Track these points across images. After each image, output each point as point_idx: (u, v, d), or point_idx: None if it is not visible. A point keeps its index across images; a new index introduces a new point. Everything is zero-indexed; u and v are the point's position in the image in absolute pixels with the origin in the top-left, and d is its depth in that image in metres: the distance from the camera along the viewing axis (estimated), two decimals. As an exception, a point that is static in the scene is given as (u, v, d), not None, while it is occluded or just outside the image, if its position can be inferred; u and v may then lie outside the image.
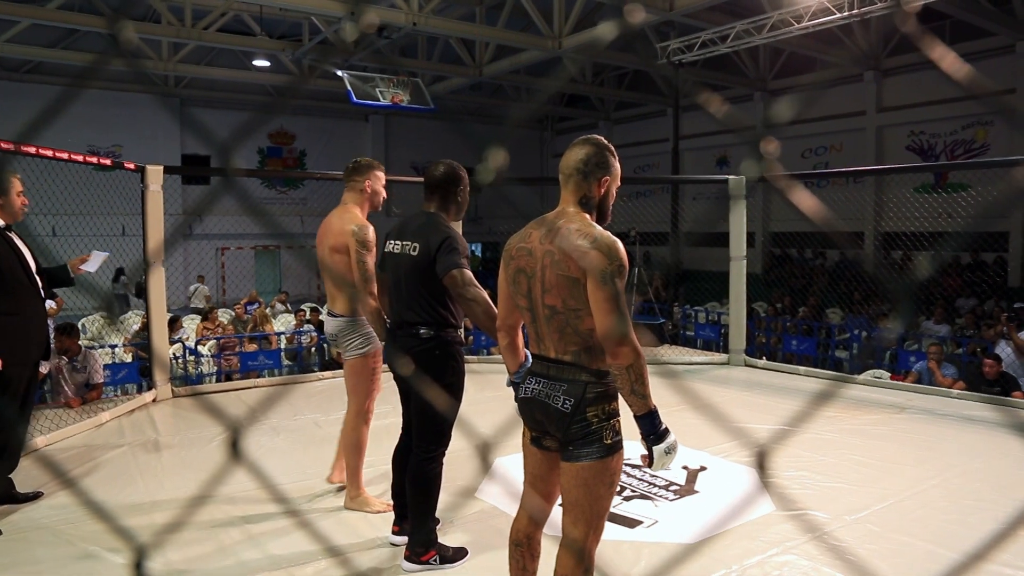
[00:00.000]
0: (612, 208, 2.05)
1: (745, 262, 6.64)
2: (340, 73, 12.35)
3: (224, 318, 9.26)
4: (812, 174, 12.47)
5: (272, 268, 18.60)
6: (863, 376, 6.34)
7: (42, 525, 3.10)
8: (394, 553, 2.82)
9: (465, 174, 2.80)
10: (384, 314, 2.93)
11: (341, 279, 3.14)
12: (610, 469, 1.88)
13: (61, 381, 5.08)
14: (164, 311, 5.51)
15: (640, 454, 1.89)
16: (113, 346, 7.53)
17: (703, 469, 3.83)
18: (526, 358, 2.19)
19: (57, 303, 6.71)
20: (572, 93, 19.62)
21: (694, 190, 17.19)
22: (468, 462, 3.77)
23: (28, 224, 3.41)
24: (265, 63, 15.24)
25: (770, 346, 9.64)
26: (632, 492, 3.50)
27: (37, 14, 11.45)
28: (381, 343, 3.14)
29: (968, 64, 0.85)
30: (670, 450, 1.84)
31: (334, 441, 3.64)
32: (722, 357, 6.93)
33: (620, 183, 2.06)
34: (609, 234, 1.87)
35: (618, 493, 3.40)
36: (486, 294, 2.56)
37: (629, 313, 1.83)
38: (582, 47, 12.34)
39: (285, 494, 3.50)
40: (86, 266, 3.64)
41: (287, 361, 8.05)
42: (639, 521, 3.18)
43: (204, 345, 7.77)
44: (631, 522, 3.17)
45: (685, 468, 3.81)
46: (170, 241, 7.49)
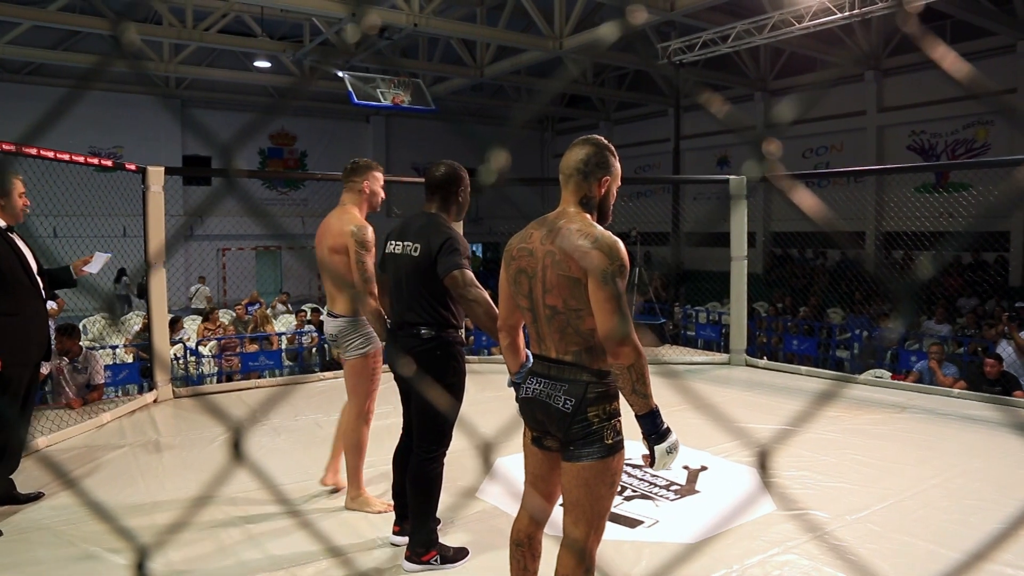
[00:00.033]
0: (613, 208, 2.05)
1: (746, 262, 6.64)
2: (341, 74, 12.36)
3: (225, 319, 9.26)
4: (813, 174, 12.47)
5: (273, 269, 18.62)
6: (864, 376, 6.34)
7: (43, 526, 3.11)
8: (395, 553, 2.82)
9: (466, 175, 2.80)
10: (384, 314, 2.93)
11: (341, 280, 3.14)
12: (611, 469, 1.88)
13: (62, 382, 5.08)
14: (165, 312, 5.52)
15: (641, 454, 1.89)
16: (114, 347, 7.53)
17: (704, 469, 3.83)
18: (527, 358, 2.19)
19: (58, 304, 6.71)
20: (573, 93, 19.62)
21: (695, 190, 17.20)
22: (469, 462, 3.77)
23: (29, 225, 3.42)
24: (266, 64, 15.26)
25: (771, 346, 9.64)
26: (633, 492, 3.50)
27: (38, 16, 11.47)
28: (381, 343, 3.15)
29: (969, 64, 0.85)
30: (672, 449, 1.84)
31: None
32: (723, 357, 6.93)
33: (621, 183, 2.06)
34: (610, 234, 1.87)
35: (619, 493, 3.41)
36: (487, 294, 2.56)
37: (630, 313, 1.83)
38: (583, 48, 12.34)
39: (286, 494, 3.50)
40: (88, 267, 3.64)
41: (288, 362, 8.05)
42: (640, 521, 3.18)
43: (205, 346, 7.77)
44: (632, 522, 3.17)
45: (686, 468, 3.81)
46: (172, 243, 7.50)
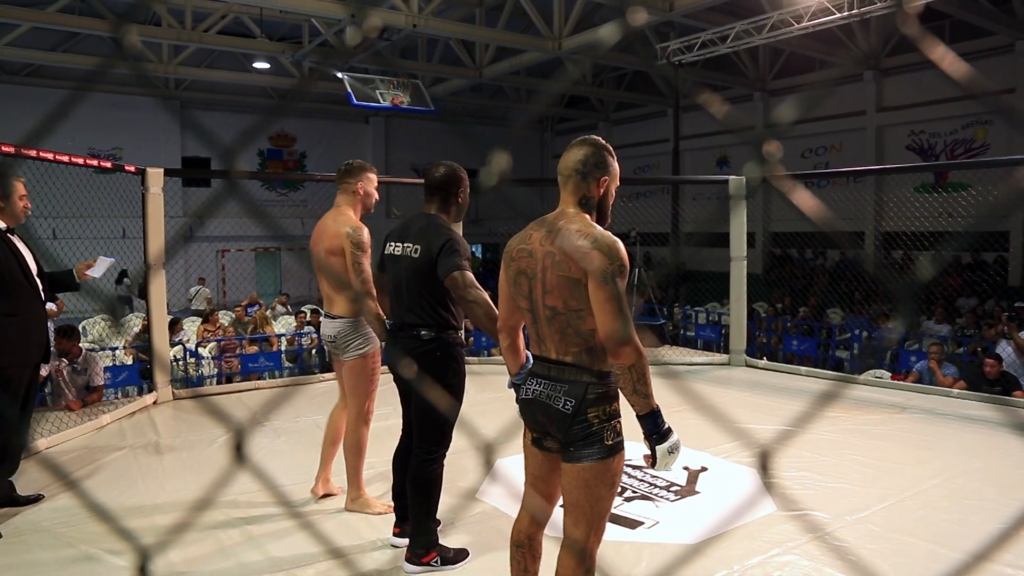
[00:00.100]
0: (612, 208, 2.05)
1: (745, 262, 6.64)
2: (340, 75, 12.35)
3: (225, 320, 9.27)
4: (812, 174, 12.47)
5: (273, 270, 18.62)
6: (864, 376, 6.34)
7: (43, 528, 3.10)
8: (395, 555, 2.82)
9: (465, 175, 2.80)
10: (384, 315, 2.93)
11: (339, 281, 3.14)
12: (611, 470, 1.88)
13: (61, 384, 5.08)
14: (165, 313, 5.52)
15: (643, 454, 1.89)
16: (114, 348, 7.53)
17: (704, 470, 3.83)
18: (527, 359, 2.19)
19: (58, 305, 6.71)
20: (572, 94, 19.62)
21: (694, 191, 17.20)
22: (469, 463, 3.77)
23: (29, 227, 3.41)
24: (265, 65, 15.26)
25: (771, 346, 9.64)
26: (633, 493, 3.50)
27: (38, 18, 11.47)
28: (380, 343, 3.15)
29: (967, 63, 0.85)
30: (673, 450, 1.84)
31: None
32: (723, 357, 6.93)
33: (620, 183, 2.06)
34: (609, 234, 1.87)
35: (619, 494, 3.40)
36: (487, 296, 2.56)
37: (631, 313, 1.83)
38: (583, 48, 12.34)
39: (286, 496, 3.50)
40: (92, 271, 3.65)
41: (288, 363, 8.06)
42: (640, 522, 3.18)
43: (205, 347, 7.77)
44: (632, 523, 3.17)
45: (686, 469, 3.81)
46: (171, 246, 7.49)
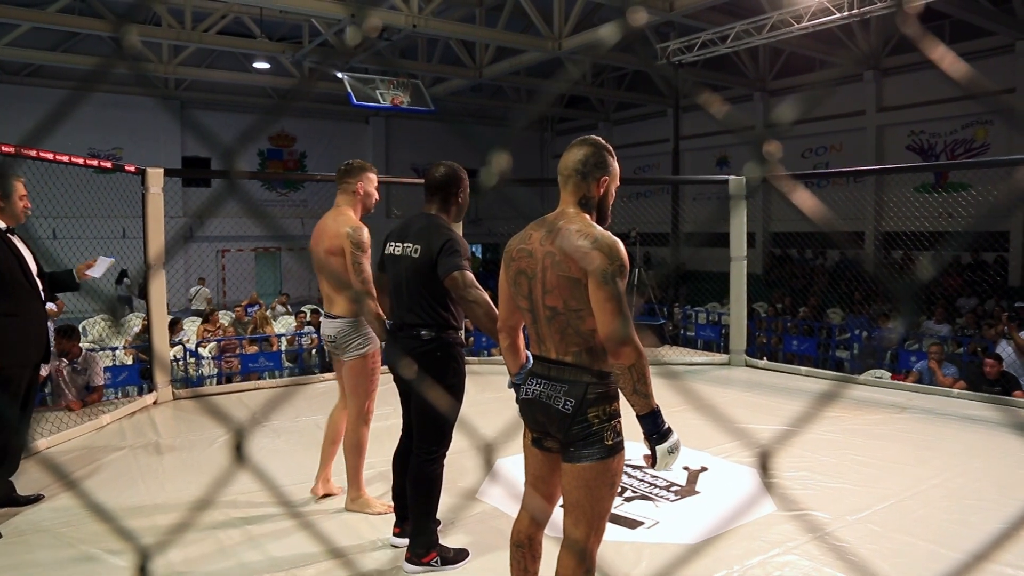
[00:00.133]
0: (612, 208, 2.05)
1: (745, 262, 6.64)
2: (340, 75, 12.35)
3: (225, 320, 9.27)
4: (812, 174, 12.47)
5: (273, 270, 18.62)
6: (864, 376, 6.34)
7: (43, 528, 3.10)
8: (395, 555, 2.82)
9: (465, 175, 2.80)
10: (384, 315, 2.93)
11: (340, 281, 3.14)
12: (611, 470, 1.88)
13: (61, 384, 5.08)
14: (165, 313, 5.52)
15: (643, 454, 1.89)
16: (114, 348, 7.53)
17: (704, 470, 3.83)
18: (527, 359, 2.19)
19: (58, 305, 6.71)
20: (572, 94, 19.63)
21: (694, 191, 17.20)
22: (469, 463, 3.77)
23: (29, 226, 3.41)
24: (265, 65, 15.26)
25: (771, 346, 9.64)
26: (633, 493, 3.50)
27: (38, 18, 11.47)
28: (380, 343, 3.15)
29: (967, 63, 0.85)
30: (673, 449, 1.84)
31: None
32: (723, 357, 6.93)
33: (620, 183, 2.06)
34: (610, 234, 1.87)
35: (619, 494, 3.40)
36: (487, 296, 2.56)
37: (631, 313, 1.83)
38: (583, 48, 12.34)
39: (286, 495, 3.50)
40: (92, 271, 3.65)
41: (288, 363, 8.05)
42: (640, 522, 3.18)
43: (205, 347, 7.77)
44: (632, 523, 3.17)
45: (686, 469, 3.81)
46: (172, 247, 7.49)
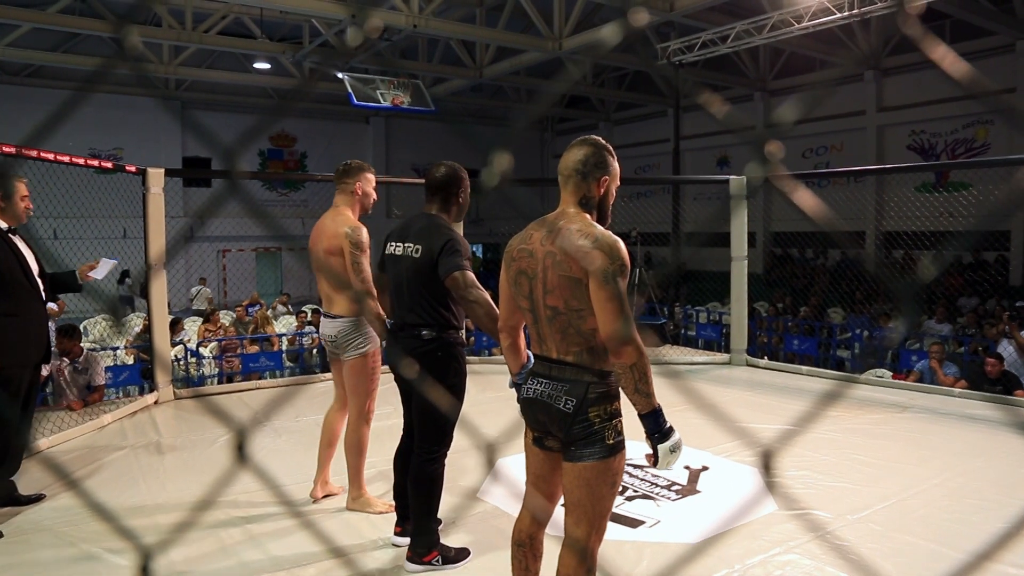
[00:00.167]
0: (612, 208, 2.05)
1: (746, 262, 6.64)
2: (340, 75, 12.36)
3: (226, 320, 9.27)
4: (813, 174, 12.47)
5: (273, 270, 18.63)
6: (865, 375, 6.34)
7: (44, 527, 3.11)
8: (397, 554, 2.83)
9: (466, 175, 2.80)
10: (384, 315, 2.93)
11: (340, 281, 3.15)
12: (612, 469, 1.88)
13: (63, 383, 5.08)
14: (165, 313, 5.52)
15: (645, 453, 1.89)
16: (115, 348, 7.53)
17: (705, 469, 3.83)
18: (528, 359, 2.19)
19: (59, 305, 6.71)
20: (572, 94, 19.63)
21: (695, 190, 17.20)
22: (470, 463, 3.78)
23: (30, 227, 3.42)
24: (266, 66, 15.27)
25: (772, 346, 9.63)
26: (634, 492, 3.50)
27: (38, 18, 11.48)
28: (380, 342, 3.15)
29: (968, 63, 0.85)
30: (675, 448, 1.84)
31: (339, 443, 3.57)
32: (724, 357, 6.93)
33: (620, 183, 2.07)
34: (610, 234, 1.87)
35: (620, 493, 3.40)
36: (488, 295, 2.56)
37: (632, 313, 1.83)
38: (584, 49, 12.34)
39: (287, 495, 3.50)
40: (94, 273, 3.65)
41: (289, 363, 8.06)
42: (641, 521, 3.18)
43: (206, 347, 7.78)
44: (633, 522, 3.17)
45: (687, 468, 3.81)
46: (172, 248, 7.50)
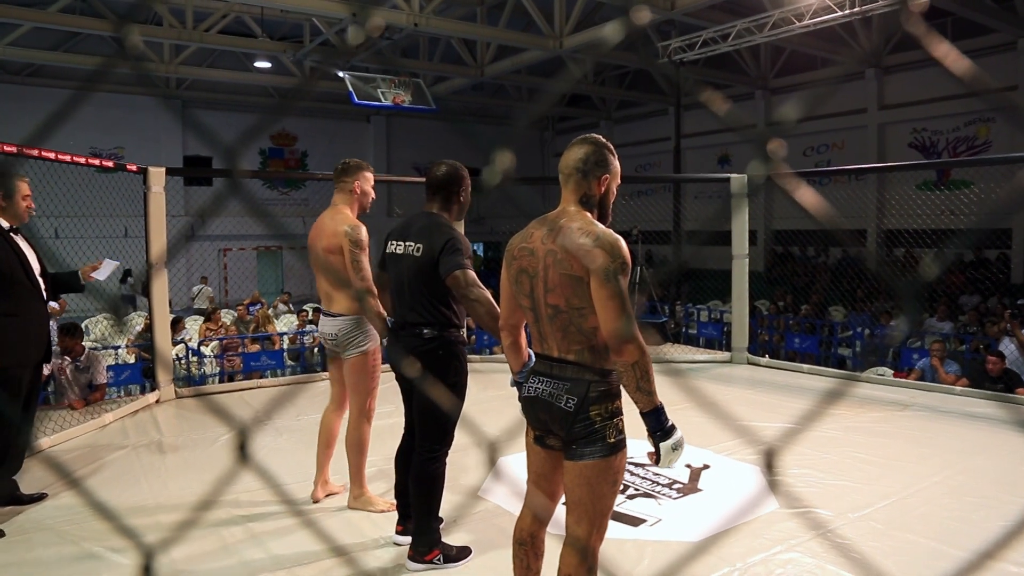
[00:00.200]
0: (613, 207, 2.05)
1: (747, 260, 6.64)
2: (341, 74, 12.36)
3: (227, 319, 9.27)
4: (814, 172, 12.47)
5: (274, 269, 18.64)
6: (866, 373, 6.33)
7: (46, 526, 3.11)
8: (398, 553, 2.83)
9: (467, 174, 2.80)
10: (385, 313, 2.94)
11: (340, 279, 3.15)
12: (613, 468, 1.89)
13: (64, 382, 5.09)
14: (167, 312, 5.52)
15: (647, 451, 1.89)
16: (116, 347, 7.54)
17: (706, 467, 3.83)
18: (529, 357, 2.19)
19: (60, 304, 6.72)
20: (573, 92, 19.62)
21: (696, 189, 17.17)
22: (472, 461, 3.78)
23: (31, 226, 3.42)
24: (266, 64, 15.26)
25: (773, 344, 9.62)
26: (636, 491, 3.50)
27: (39, 17, 11.48)
28: (380, 340, 3.15)
29: (970, 61, 0.85)
30: (677, 446, 1.84)
31: (340, 442, 3.51)
32: (725, 355, 6.92)
33: (621, 181, 2.06)
34: (611, 232, 1.87)
35: (621, 492, 3.40)
36: (489, 294, 2.56)
37: (633, 311, 1.83)
38: (585, 47, 12.32)
39: (288, 494, 3.51)
40: (96, 274, 3.65)
41: (290, 361, 8.06)
42: (643, 519, 3.18)
43: (207, 346, 7.78)
44: (635, 520, 3.17)
45: (688, 466, 3.81)
46: (174, 245, 7.50)
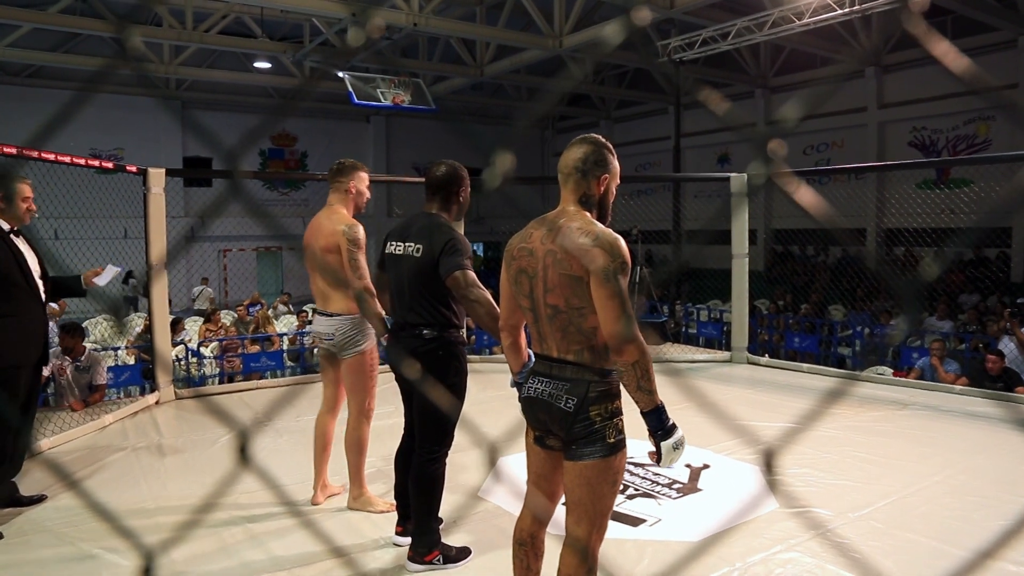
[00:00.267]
0: (613, 206, 2.05)
1: (747, 259, 6.63)
2: (341, 74, 12.35)
3: (226, 320, 9.27)
4: (814, 171, 12.45)
5: (274, 270, 18.64)
6: (866, 373, 6.33)
7: (46, 527, 3.11)
8: (398, 553, 2.83)
9: (466, 174, 2.80)
10: (384, 313, 2.93)
11: (336, 278, 3.15)
12: (613, 468, 1.88)
13: (64, 384, 5.08)
14: (166, 313, 5.52)
15: (647, 451, 1.89)
16: (115, 348, 7.53)
17: (706, 467, 3.83)
18: (529, 358, 2.19)
19: (60, 305, 6.71)
20: (573, 92, 19.62)
21: (695, 188, 17.18)
22: (471, 462, 3.78)
23: (32, 227, 3.42)
24: (266, 65, 15.27)
25: (772, 343, 9.62)
26: (635, 491, 3.50)
27: (39, 19, 11.48)
28: (378, 339, 3.15)
29: (970, 59, 0.84)
30: (678, 445, 1.84)
31: (338, 442, 3.48)
32: (724, 355, 6.92)
33: (620, 181, 2.06)
34: (611, 231, 1.87)
35: (621, 492, 3.40)
36: (489, 295, 2.56)
37: (633, 310, 1.83)
38: (584, 46, 12.31)
39: (288, 495, 3.50)
40: (98, 280, 3.65)
41: (290, 362, 8.06)
42: (642, 520, 3.18)
43: (207, 347, 7.78)
44: (634, 520, 3.17)
45: (688, 466, 3.81)
46: (174, 247, 7.50)
